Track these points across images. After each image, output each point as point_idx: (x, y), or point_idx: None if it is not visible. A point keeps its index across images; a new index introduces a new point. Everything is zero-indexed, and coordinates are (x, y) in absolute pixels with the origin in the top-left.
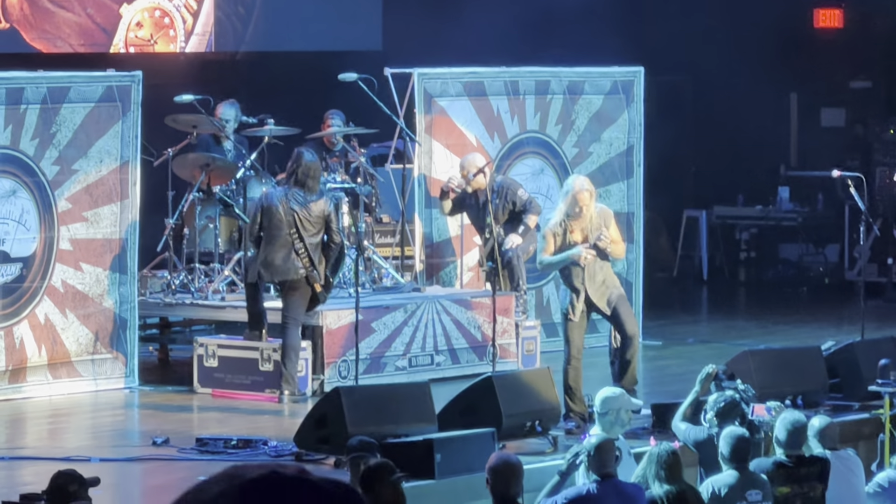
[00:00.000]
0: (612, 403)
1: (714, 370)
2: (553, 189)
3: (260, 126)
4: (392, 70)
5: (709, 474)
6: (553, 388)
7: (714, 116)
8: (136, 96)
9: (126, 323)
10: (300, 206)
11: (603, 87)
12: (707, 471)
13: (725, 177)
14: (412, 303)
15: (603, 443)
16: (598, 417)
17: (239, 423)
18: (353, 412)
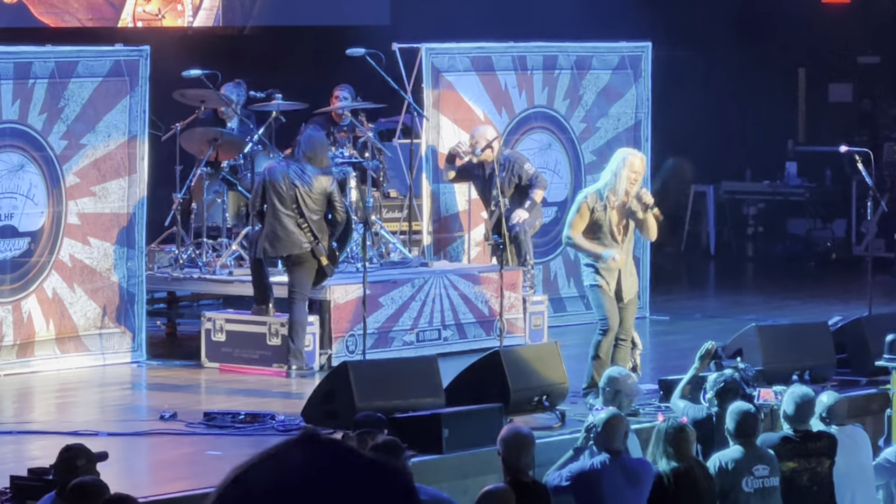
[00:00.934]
0: (618, 383)
1: (713, 347)
2: (560, 164)
3: (268, 101)
4: (400, 45)
5: (707, 452)
6: (561, 363)
7: (722, 92)
8: (143, 71)
9: (134, 297)
10: (301, 181)
11: (611, 62)
12: (705, 448)
13: (733, 152)
14: (420, 277)
15: (611, 418)
16: (603, 394)
17: (246, 397)
18: (360, 387)
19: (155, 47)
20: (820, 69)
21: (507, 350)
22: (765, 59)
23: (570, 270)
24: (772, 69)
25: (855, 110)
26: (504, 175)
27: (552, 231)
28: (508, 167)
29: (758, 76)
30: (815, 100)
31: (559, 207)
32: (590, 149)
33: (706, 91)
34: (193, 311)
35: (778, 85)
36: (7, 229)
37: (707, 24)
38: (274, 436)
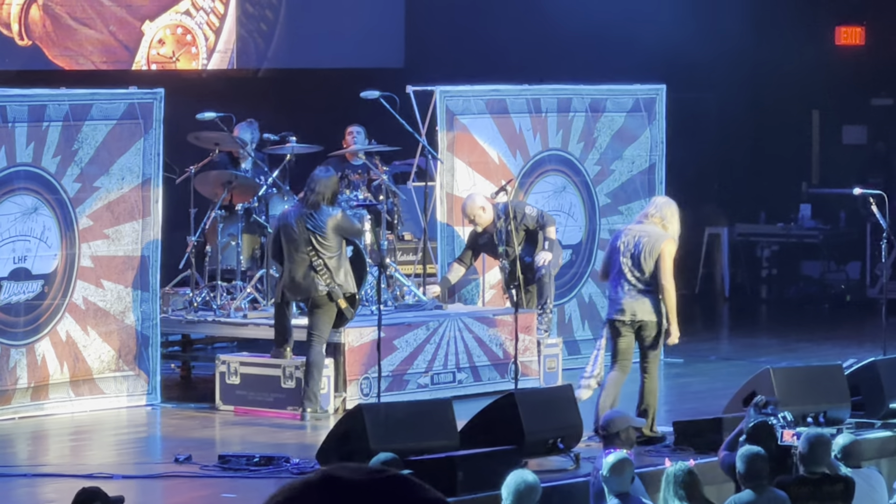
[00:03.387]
0: (618, 424)
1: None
2: (575, 207)
3: (282, 143)
4: (414, 87)
5: None
6: (575, 406)
7: (736, 134)
8: (158, 113)
9: (148, 340)
10: (314, 223)
11: (625, 104)
12: None
13: (747, 194)
14: (434, 320)
15: (618, 462)
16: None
17: (261, 440)
18: (375, 429)
19: (169, 90)
20: (834, 111)
21: (522, 392)
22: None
23: (584, 313)
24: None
25: (869, 152)
26: (508, 228)
27: (567, 273)
28: (510, 217)
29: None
30: (829, 142)
31: (574, 250)
32: (604, 191)
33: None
34: (208, 353)
35: (792, 127)
36: (20, 272)
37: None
38: (289, 478)
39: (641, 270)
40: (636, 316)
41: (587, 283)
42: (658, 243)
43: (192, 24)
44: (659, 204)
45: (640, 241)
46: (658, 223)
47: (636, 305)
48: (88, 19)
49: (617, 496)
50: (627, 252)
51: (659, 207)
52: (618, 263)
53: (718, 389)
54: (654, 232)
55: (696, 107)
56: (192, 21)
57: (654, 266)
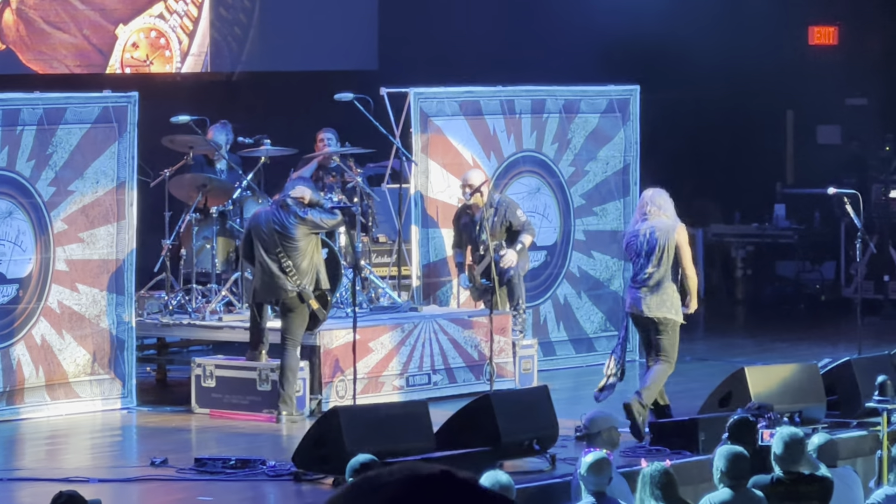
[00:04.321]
0: (602, 424)
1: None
2: (550, 208)
3: (256, 146)
4: (388, 89)
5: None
6: (551, 407)
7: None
8: (132, 117)
9: (123, 344)
10: (283, 225)
11: (599, 105)
12: None
13: (722, 195)
14: (409, 322)
15: (596, 461)
16: (589, 439)
17: (237, 443)
18: (351, 432)
19: (143, 93)
20: (808, 111)
21: (498, 394)
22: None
23: (559, 314)
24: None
25: (843, 152)
26: (496, 219)
27: (542, 275)
28: (501, 211)
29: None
30: (804, 142)
31: (549, 251)
32: (579, 192)
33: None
34: (183, 357)
35: (766, 127)
36: None
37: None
38: (265, 481)
39: (657, 265)
40: (652, 312)
41: (562, 284)
42: (671, 234)
43: (165, 28)
44: (649, 197)
45: (654, 237)
46: (660, 215)
47: (652, 302)
48: (62, 23)
49: (593, 495)
50: (642, 250)
51: (652, 200)
52: (635, 264)
53: (694, 390)
54: (662, 225)
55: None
56: (166, 24)
57: (674, 257)
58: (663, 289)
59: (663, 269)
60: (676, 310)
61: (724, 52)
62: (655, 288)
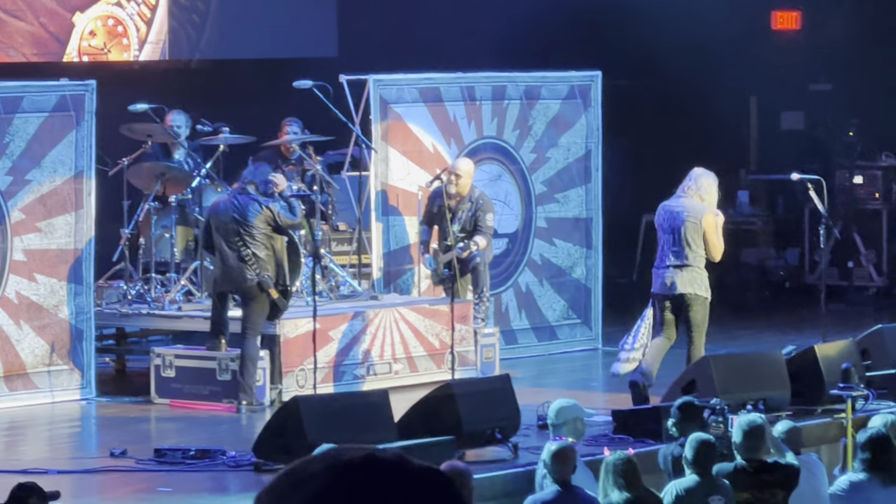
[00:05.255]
0: (567, 413)
1: None
2: (511, 195)
3: (215, 134)
4: (347, 77)
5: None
6: (513, 396)
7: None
8: (89, 105)
9: (82, 334)
10: (243, 214)
11: (560, 91)
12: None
13: None
14: (370, 311)
15: (559, 450)
16: (553, 428)
17: (197, 433)
18: (311, 421)
19: (101, 82)
20: (771, 97)
21: (459, 383)
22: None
23: (521, 302)
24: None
25: (807, 138)
26: (469, 214)
27: (503, 263)
28: (474, 208)
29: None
30: (767, 128)
31: (510, 239)
32: (540, 179)
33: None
34: (142, 347)
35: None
36: None
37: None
38: (225, 471)
39: (681, 245)
40: (677, 290)
41: (524, 271)
42: (699, 218)
43: (123, 16)
44: (695, 175)
45: (681, 217)
46: (695, 196)
47: (677, 280)
48: (18, 11)
49: (558, 484)
50: (669, 228)
51: (695, 179)
52: (660, 240)
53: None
54: (692, 206)
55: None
56: (124, 12)
57: (701, 241)
58: (691, 268)
59: (689, 250)
60: (705, 288)
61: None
62: (681, 267)
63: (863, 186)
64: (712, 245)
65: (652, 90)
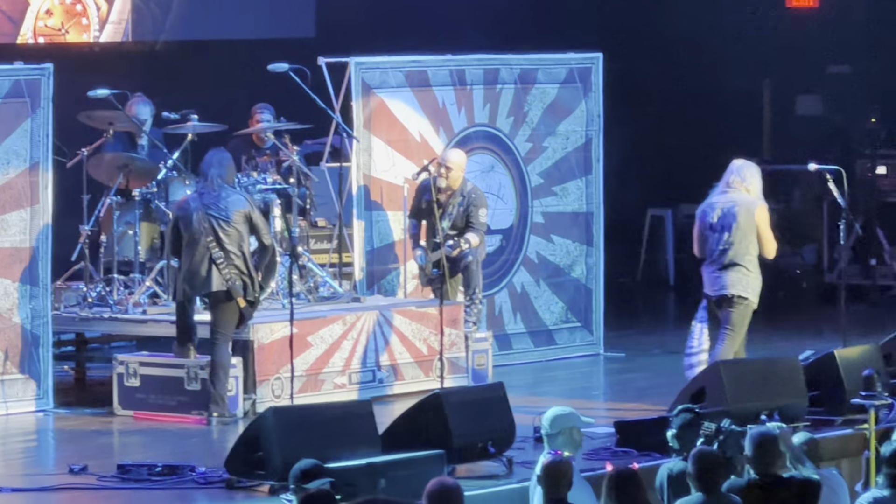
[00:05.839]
0: (563, 422)
1: None
2: (505, 188)
3: (182, 122)
4: (327, 59)
5: None
6: (507, 406)
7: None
8: (46, 91)
9: (38, 340)
10: (216, 210)
11: (558, 75)
12: None
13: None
14: (351, 314)
15: (553, 465)
16: (548, 439)
17: (164, 447)
18: (288, 435)
19: (58, 65)
20: (786, 80)
21: (449, 392)
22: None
23: (516, 304)
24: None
25: (825, 124)
26: (460, 209)
27: (497, 261)
28: (466, 203)
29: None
30: (782, 113)
31: (504, 235)
32: (536, 170)
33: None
34: (104, 353)
35: (741, 98)
36: None
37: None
38: (194, 489)
39: (730, 243)
40: (725, 291)
41: (519, 271)
42: (752, 211)
43: None
44: (737, 167)
45: (732, 212)
46: (741, 189)
47: (728, 280)
48: None
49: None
50: (719, 226)
51: (738, 172)
52: (709, 239)
53: (663, 386)
54: (742, 200)
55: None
56: None
57: (754, 237)
58: (740, 267)
59: (740, 247)
60: (753, 291)
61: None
62: (731, 266)
63: (886, 177)
64: (766, 240)
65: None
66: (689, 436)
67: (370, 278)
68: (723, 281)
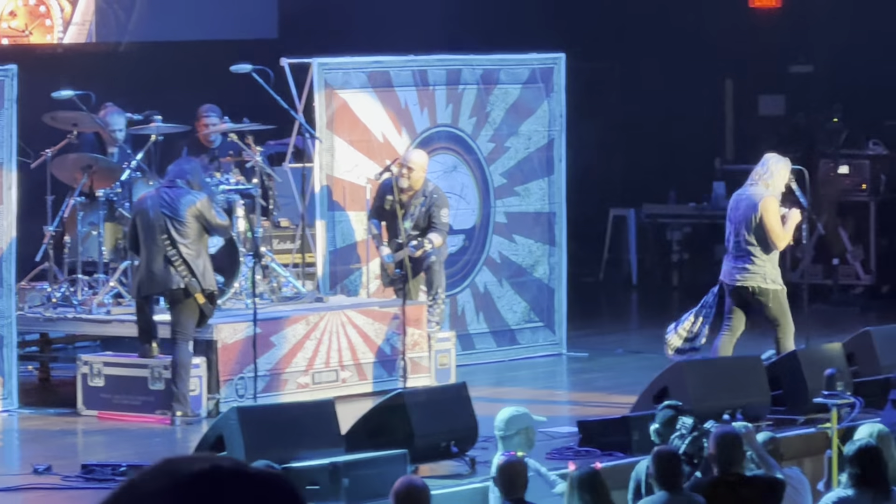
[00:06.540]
0: (518, 423)
1: None
2: (468, 188)
3: (146, 123)
4: (289, 60)
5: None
6: (470, 406)
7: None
8: (10, 92)
9: (3, 340)
10: (171, 209)
11: (520, 75)
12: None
13: (655, 172)
14: (314, 314)
15: (508, 466)
16: (503, 441)
17: (128, 447)
18: (251, 434)
19: (22, 66)
20: (749, 80)
21: (412, 392)
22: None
23: (479, 304)
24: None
25: (787, 124)
26: (422, 209)
27: (459, 261)
28: (428, 203)
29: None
30: (744, 113)
31: (467, 235)
32: (499, 171)
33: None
34: (68, 353)
35: (703, 98)
36: None
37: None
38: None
39: (742, 234)
40: (738, 282)
41: (482, 271)
42: (756, 204)
43: None
44: (766, 161)
45: (743, 205)
46: (762, 183)
47: (741, 270)
48: None
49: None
50: (735, 218)
51: (766, 165)
52: (727, 229)
53: (626, 385)
54: (755, 193)
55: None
56: None
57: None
58: (750, 258)
59: (749, 238)
60: (772, 279)
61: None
62: (746, 258)
63: (849, 177)
64: (772, 231)
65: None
66: (670, 432)
67: (333, 278)
68: (737, 273)
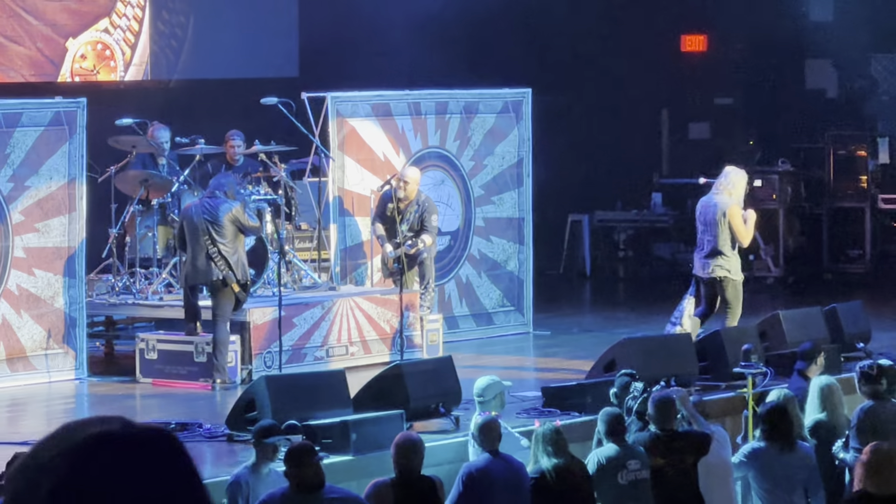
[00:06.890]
0: (494, 389)
1: None
2: (453, 197)
3: (192, 145)
4: (308, 94)
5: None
6: (455, 374)
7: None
8: (81, 120)
9: (76, 321)
10: (211, 215)
11: (495, 106)
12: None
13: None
14: (329, 300)
15: (487, 423)
16: (480, 404)
17: (177, 408)
18: (277, 398)
19: (91, 99)
20: (681, 110)
21: (407, 363)
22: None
23: (461, 292)
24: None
25: (712, 146)
26: (416, 215)
27: (446, 257)
28: (421, 210)
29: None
30: (677, 137)
31: (452, 236)
32: (478, 184)
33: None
34: (129, 332)
35: (644, 124)
36: None
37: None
38: (202, 442)
39: (712, 235)
40: (710, 273)
41: (464, 265)
42: (725, 210)
43: (110, 41)
44: (727, 172)
45: (710, 211)
46: (725, 192)
47: (709, 264)
48: (17, 37)
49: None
50: (701, 220)
51: (727, 176)
52: (698, 230)
53: (581, 358)
54: (721, 201)
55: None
56: (111, 38)
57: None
58: (720, 254)
59: (718, 239)
60: (734, 270)
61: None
62: (712, 254)
63: (762, 189)
64: (738, 232)
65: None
66: (626, 394)
67: (343, 271)
68: (707, 266)
